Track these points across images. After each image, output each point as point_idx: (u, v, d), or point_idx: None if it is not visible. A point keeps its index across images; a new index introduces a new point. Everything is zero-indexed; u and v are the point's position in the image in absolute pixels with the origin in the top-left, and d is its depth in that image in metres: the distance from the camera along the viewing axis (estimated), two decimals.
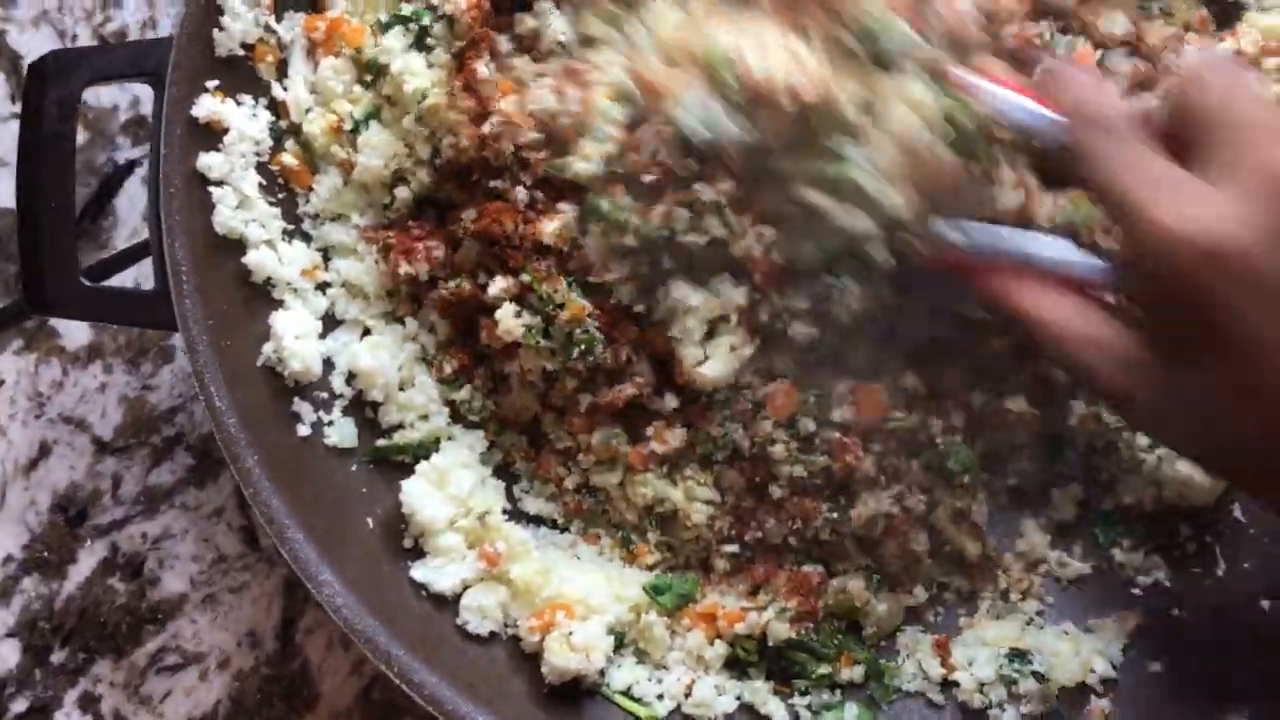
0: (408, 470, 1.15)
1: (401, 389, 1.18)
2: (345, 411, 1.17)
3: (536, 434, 1.21)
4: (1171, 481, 1.17)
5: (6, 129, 1.41)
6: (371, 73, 1.18)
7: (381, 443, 1.18)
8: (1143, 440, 1.19)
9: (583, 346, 1.11)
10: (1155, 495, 1.19)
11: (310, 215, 1.20)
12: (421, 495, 1.12)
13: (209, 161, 1.10)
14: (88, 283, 1.04)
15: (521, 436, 1.22)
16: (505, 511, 1.16)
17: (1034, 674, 1.13)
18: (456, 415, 1.21)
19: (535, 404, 1.19)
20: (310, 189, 1.19)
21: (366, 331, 1.19)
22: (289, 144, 1.19)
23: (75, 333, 1.35)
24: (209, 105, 1.12)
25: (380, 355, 1.16)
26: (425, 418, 1.19)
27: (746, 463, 1.15)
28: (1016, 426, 1.16)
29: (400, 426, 1.18)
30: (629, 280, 1.10)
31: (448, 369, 1.19)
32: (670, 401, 1.15)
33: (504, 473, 1.22)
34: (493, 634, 1.13)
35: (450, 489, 1.14)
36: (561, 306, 1.10)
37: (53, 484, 1.33)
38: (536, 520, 1.21)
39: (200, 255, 1.07)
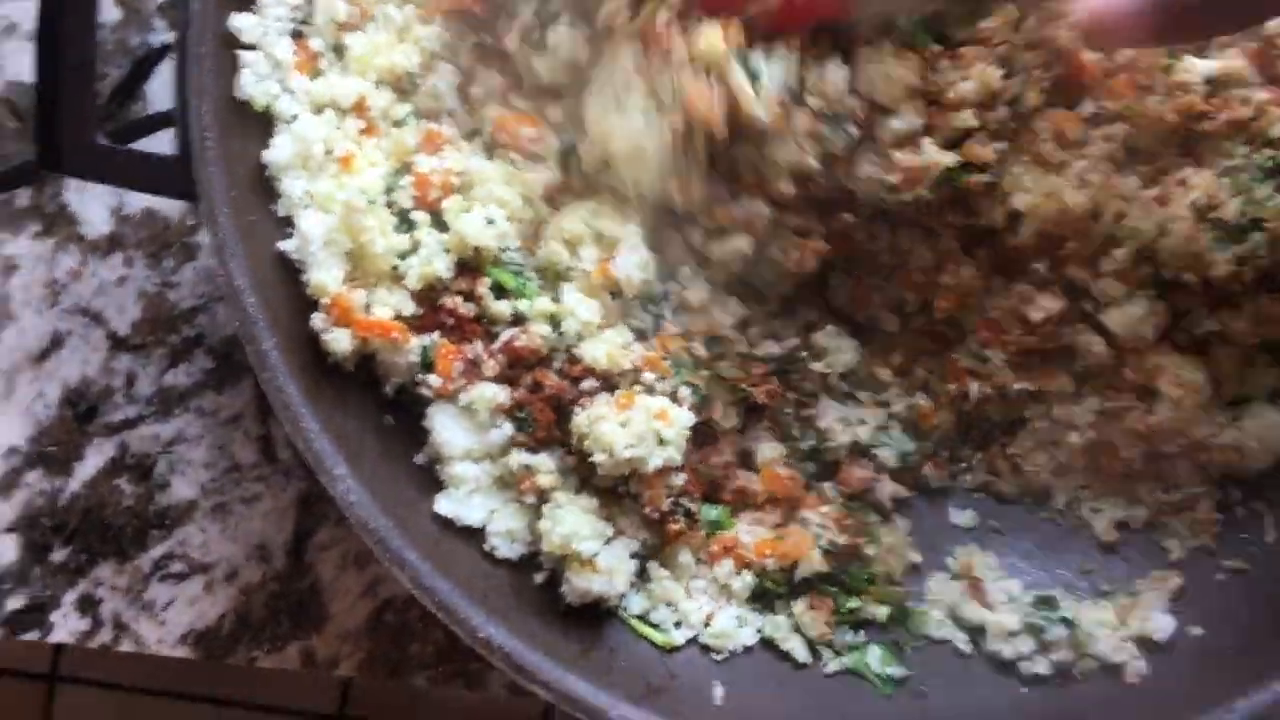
0: None
1: None
2: None
3: None
4: (1223, 448, 1.05)
5: None
6: None
7: None
8: None
9: None
10: (1207, 459, 1.06)
11: None
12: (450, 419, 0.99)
13: (240, 23, 0.97)
14: (104, 142, 0.90)
15: None
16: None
17: (1062, 620, 1.03)
18: None
19: None
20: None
21: None
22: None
23: (96, 221, 1.23)
24: None
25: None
26: None
27: None
28: None
29: None
30: None
31: None
32: None
33: None
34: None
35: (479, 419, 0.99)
36: None
37: (63, 377, 1.21)
38: None
39: (227, 121, 0.94)
